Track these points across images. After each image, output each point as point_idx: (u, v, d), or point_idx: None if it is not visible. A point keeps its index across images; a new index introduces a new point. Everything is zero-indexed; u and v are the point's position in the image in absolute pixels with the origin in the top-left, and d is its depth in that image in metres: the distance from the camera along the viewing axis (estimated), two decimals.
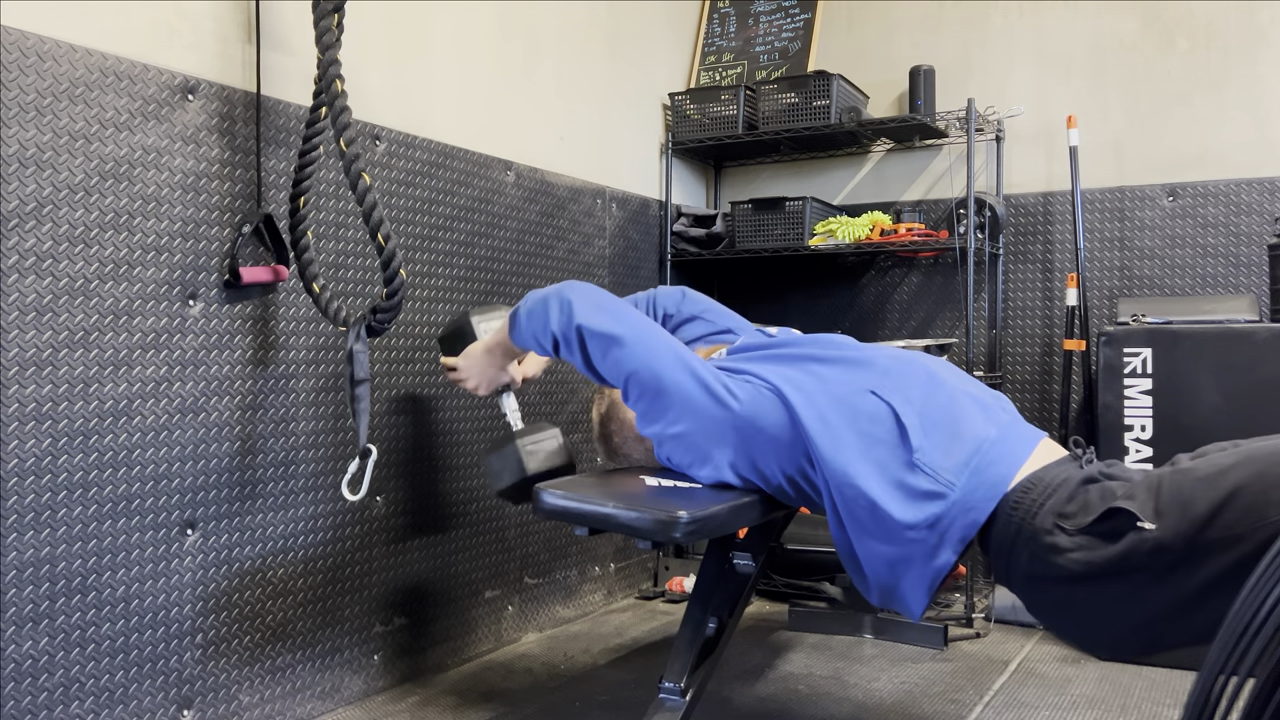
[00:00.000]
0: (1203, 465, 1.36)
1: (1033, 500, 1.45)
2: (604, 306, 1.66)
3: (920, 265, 3.36)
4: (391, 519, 2.32)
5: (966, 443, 1.52)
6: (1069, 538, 1.40)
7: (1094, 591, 1.39)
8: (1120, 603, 1.39)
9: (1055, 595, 1.45)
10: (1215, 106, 2.96)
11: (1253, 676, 0.89)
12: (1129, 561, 1.34)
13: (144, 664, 1.82)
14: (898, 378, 1.62)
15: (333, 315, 1.98)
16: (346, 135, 1.81)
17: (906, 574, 1.53)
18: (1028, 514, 1.45)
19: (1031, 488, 1.47)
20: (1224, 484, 1.30)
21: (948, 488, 1.49)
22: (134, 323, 1.79)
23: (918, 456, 1.51)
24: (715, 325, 2.09)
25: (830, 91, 3.11)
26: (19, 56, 1.62)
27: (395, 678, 2.33)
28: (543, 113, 2.82)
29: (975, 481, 1.49)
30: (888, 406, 1.56)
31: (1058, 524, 1.41)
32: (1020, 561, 1.46)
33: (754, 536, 1.88)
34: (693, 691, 1.69)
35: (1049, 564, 1.41)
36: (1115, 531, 1.36)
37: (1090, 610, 1.42)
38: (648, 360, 1.62)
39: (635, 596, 3.19)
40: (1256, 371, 2.38)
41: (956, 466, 1.50)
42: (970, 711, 2.19)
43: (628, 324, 1.64)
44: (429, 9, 2.42)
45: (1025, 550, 1.45)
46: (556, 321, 1.65)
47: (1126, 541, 1.34)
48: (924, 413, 1.56)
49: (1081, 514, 1.40)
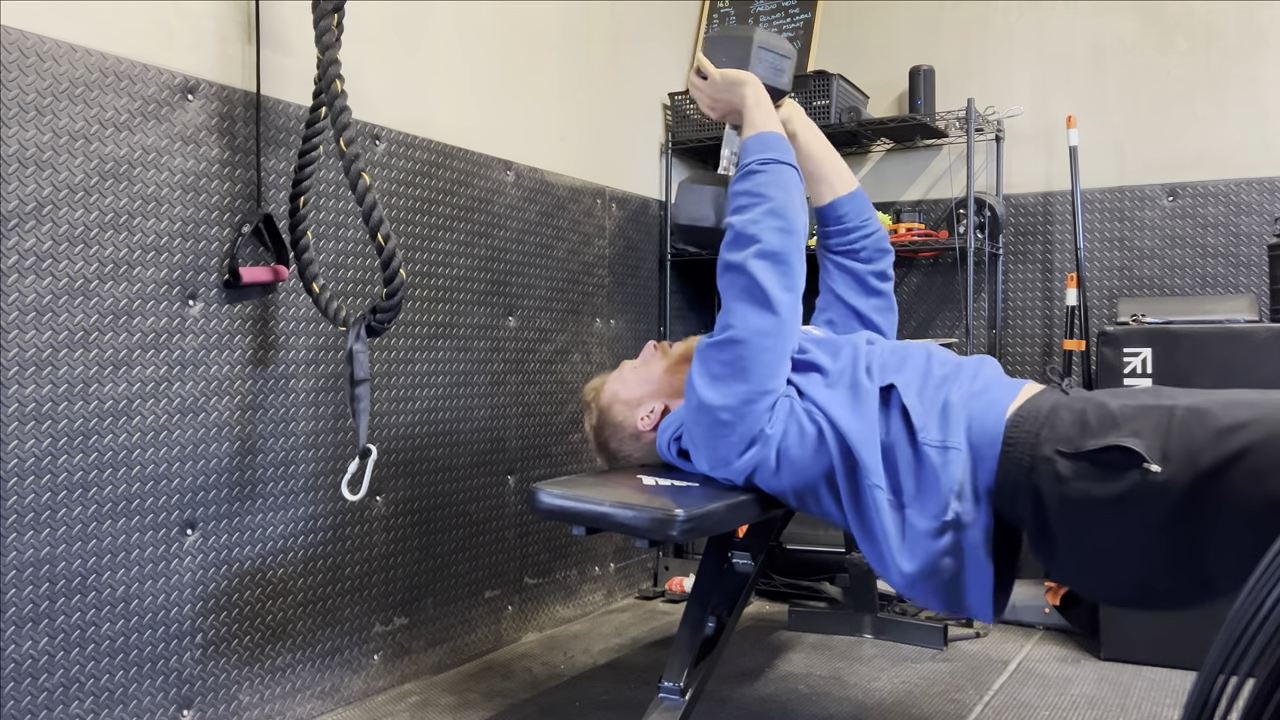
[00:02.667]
0: (1219, 413, 1.32)
1: (1026, 432, 1.44)
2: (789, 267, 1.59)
3: (920, 265, 3.36)
4: (391, 519, 2.32)
5: (960, 406, 1.52)
6: (1069, 463, 1.38)
7: (1093, 529, 1.38)
8: (1117, 546, 1.37)
9: (1058, 534, 1.43)
10: (1215, 106, 2.96)
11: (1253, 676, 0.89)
12: (1129, 501, 1.33)
13: (144, 664, 1.82)
14: (896, 369, 1.62)
15: (333, 315, 1.98)
16: (346, 135, 1.81)
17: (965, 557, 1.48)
18: (1025, 447, 1.43)
19: (1021, 420, 1.46)
20: (1235, 441, 1.27)
21: (957, 448, 1.48)
22: (134, 323, 1.79)
23: (922, 436, 1.51)
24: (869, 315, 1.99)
25: (830, 91, 3.11)
26: (19, 56, 1.62)
27: (395, 678, 2.33)
28: (543, 113, 2.82)
29: (975, 433, 1.49)
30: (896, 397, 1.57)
31: (1058, 450, 1.39)
32: (1025, 502, 1.44)
33: (753, 536, 1.88)
34: (692, 691, 1.69)
35: (1052, 495, 1.39)
36: (1118, 465, 1.34)
37: (1089, 551, 1.40)
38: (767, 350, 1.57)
39: (635, 596, 3.19)
40: (1256, 371, 2.38)
41: (959, 429, 1.50)
42: (970, 711, 2.19)
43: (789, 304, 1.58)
44: (429, 9, 2.42)
45: (1027, 491, 1.43)
46: (745, 225, 1.59)
47: (1129, 479, 1.33)
48: (923, 394, 1.56)
49: (1080, 436, 1.39)
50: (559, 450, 2.86)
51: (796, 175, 1.69)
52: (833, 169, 1.97)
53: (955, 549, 1.48)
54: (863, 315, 1.98)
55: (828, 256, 2.01)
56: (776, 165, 1.67)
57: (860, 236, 1.97)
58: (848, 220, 1.97)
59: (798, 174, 1.70)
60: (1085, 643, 2.65)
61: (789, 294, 1.60)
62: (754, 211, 1.62)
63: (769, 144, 1.69)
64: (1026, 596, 2.82)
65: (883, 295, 1.99)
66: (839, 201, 1.97)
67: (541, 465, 2.80)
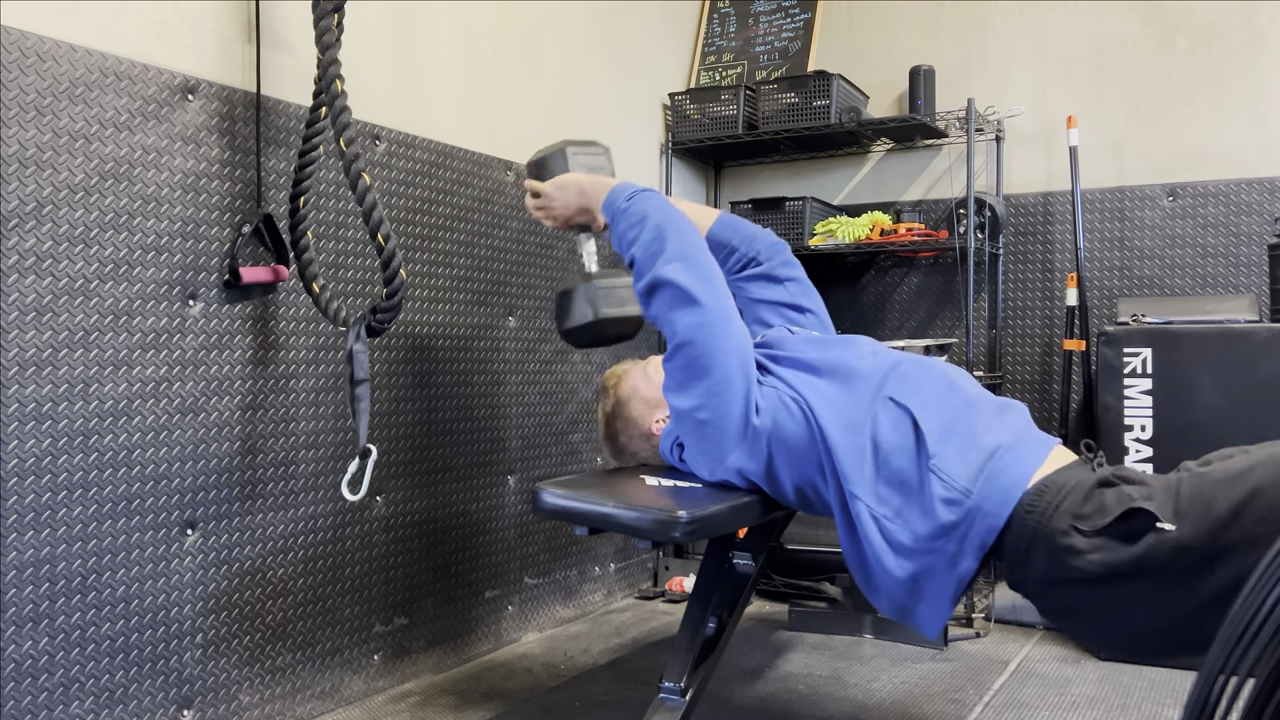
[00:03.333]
0: (1220, 468, 1.35)
1: (1047, 503, 1.44)
2: (696, 262, 1.63)
3: (920, 265, 3.36)
4: (391, 519, 2.32)
5: (981, 449, 1.52)
6: (1086, 539, 1.39)
7: (1113, 594, 1.38)
8: (1139, 605, 1.37)
9: (1073, 598, 1.44)
10: (1215, 106, 2.96)
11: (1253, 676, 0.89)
12: (1148, 562, 1.33)
13: (144, 664, 1.82)
14: (915, 383, 1.62)
15: (333, 315, 1.98)
16: (346, 135, 1.81)
17: (929, 585, 1.51)
18: (1043, 517, 1.44)
19: (1045, 491, 1.46)
20: (1244, 485, 1.29)
21: (964, 494, 1.48)
22: (134, 323, 1.79)
23: (934, 462, 1.50)
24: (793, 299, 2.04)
25: (830, 91, 3.11)
26: (19, 56, 1.62)
27: (395, 678, 2.33)
28: (543, 113, 2.82)
29: (990, 487, 1.48)
30: (906, 413, 1.56)
31: (1074, 526, 1.40)
32: (1036, 565, 1.45)
33: (754, 536, 1.88)
34: (693, 691, 1.69)
35: (1066, 566, 1.40)
36: (1134, 532, 1.35)
37: (1110, 613, 1.41)
38: (711, 339, 1.60)
39: (635, 596, 3.19)
40: (1256, 371, 2.38)
41: (971, 473, 1.49)
42: (970, 711, 2.19)
43: (712, 292, 1.62)
44: (429, 9, 2.42)
45: (1041, 553, 1.43)
46: (644, 248, 1.62)
47: (1146, 542, 1.33)
48: (941, 418, 1.56)
49: (1098, 515, 1.39)
50: (559, 450, 2.86)
51: (658, 194, 1.75)
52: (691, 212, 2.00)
53: (920, 578, 1.51)
54: (790, 304, 2.02)
55: (734, 280, 2.05)
56: (640, 194, 1.73)
57: (748, 247, 2.05)
58: (729, 243, 2.05)
59: (658, 193, 1.76)
60: (1085, 643, 2.65)
61: (707, 283, 1.63)
62: (644, 235, 1.66)
63: (622, 189, 1.75)
64: None
65: (795, 279, 2.05)
66: (713, 233, 2.05)
67: (541, 465, 2.80)
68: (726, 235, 2.06)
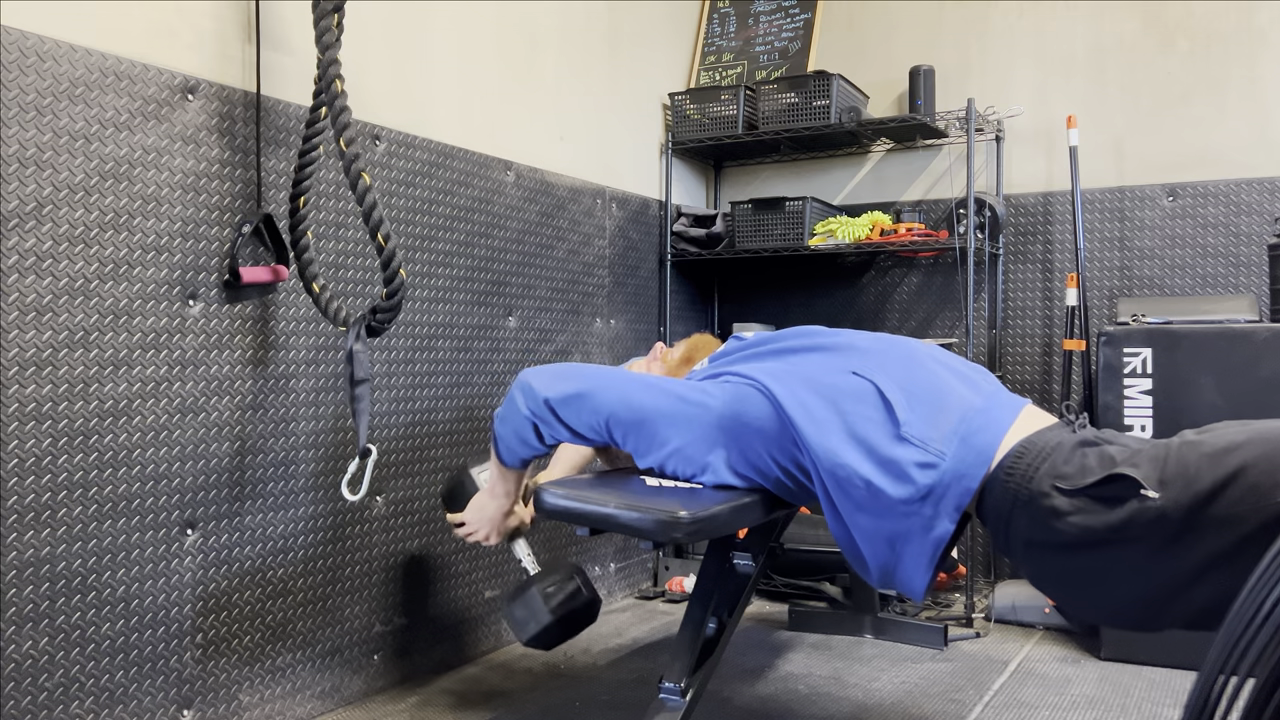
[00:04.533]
0: (1210, 440, 1.34)
1: (1027, 465, 1.45)
2: (560, 374, 1.68)
3: (920, 265, 3.36)
4: (391, 519, 2.32)
5: (951, 412, 1.53)
6: (1067, 499, 1.39)
7: (1093, 559, 1.38)
8: (1118, 573, 1.38)
9: (1054, 563, 1.44)
10: (1215, 106, 2.96)
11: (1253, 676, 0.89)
12: (1129, 530, 1.33)
13: (144, 664, 1.82)
14: (879, 356, 1.63)
15: (333, 315, 1.98)
16: (346, 135, 1.81)
17: (906, 549, 1.52)
18: (1024, 478, 1.44)
19: (1024, 453, 1.46)
20: (1230, 461, 1.29)
21: (938, 457, 1.49)
22: (134, 323, 1.79)
23: (905, 429, 1.51)
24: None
25: (830, 91, 3.11)
26: (19, 56, 1.62)
27: (395, 678, 2.33)
28: (543, 113, 2.82)
29: (964, 449, 1.49)
30: (870, 384, 1.57)
31: (1055, 486, 1.40)
32: (1019, 527, 1.45)
33: (754, 536, 1.88)
34: (693, 691, 1.69)
35: (1047, 529, 1.40)
36: (1116, 497, 1.35)
37: (1089, 579, 1.41)
38: (616, 397, 1.64)
39: (635, 596, 3.19)
40: (1256, 371, 2.38)
41: (944, 436, 1.50)
42: (970, 711, 2.19)
43: (585, 377, 1.66)
44: (429, 9, 2.42)
45: (1024, 516, 1.43)
46: (525, 407, 1.66)
47: (1128, 509, 1.33)
48: (906, 387, 1.56)
49: (1079, 475, 1.39)
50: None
51: None
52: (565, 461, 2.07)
53: (897, 542, 1.52)
54: None
55: None
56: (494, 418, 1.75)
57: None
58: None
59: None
60: (1085, 643, 2.65)
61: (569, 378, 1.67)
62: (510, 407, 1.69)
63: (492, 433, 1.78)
64: (1026, 596, 2.82)
65: None
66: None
67: (541, 465, 2.80)
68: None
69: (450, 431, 2.48)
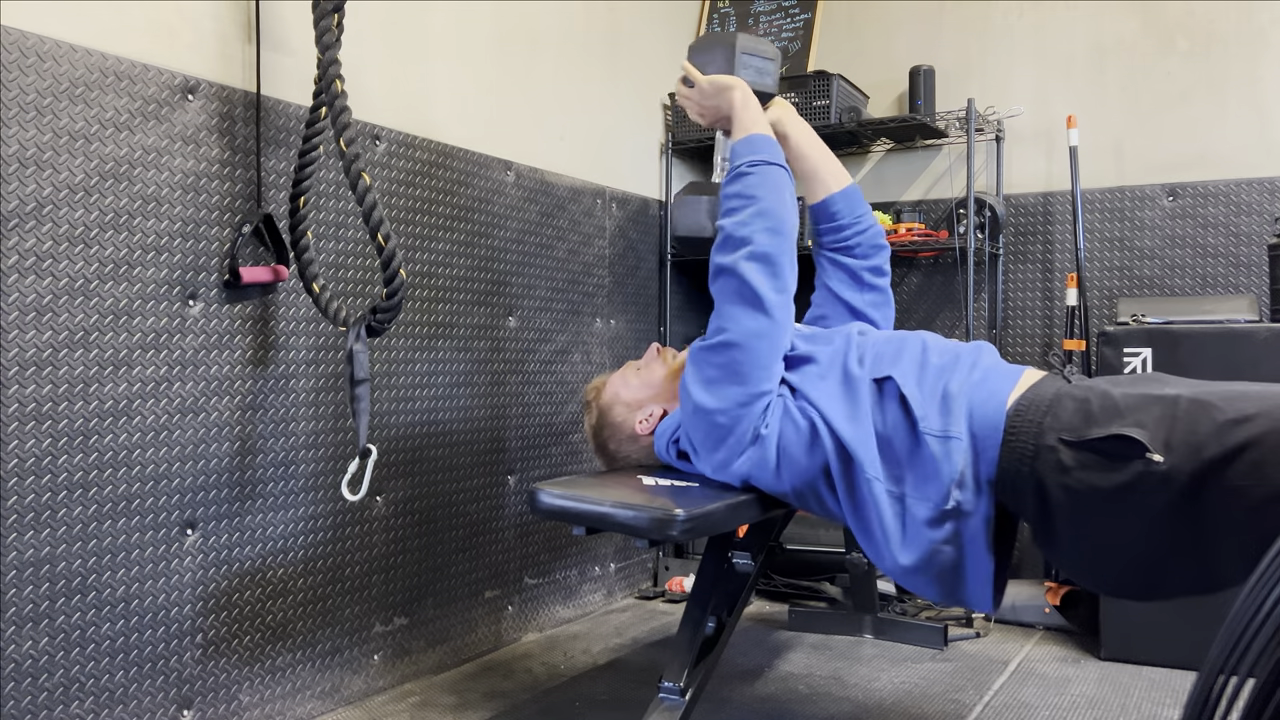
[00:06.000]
0: (1223, 406, 1.32)
1: (1028, 422, 1.44)
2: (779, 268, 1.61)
3: (920, 265, 3.36)
4: (391, 519, 2.32)
5: (959, 395, 1.52)
6: (1072, 452, 1.38)
7: (1096, 519, 1.38)
8: (1120, 536, 1.37)
9: (1061, 525, 1.43)
10: (1215, 106, 2.96)
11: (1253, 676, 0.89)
12: (1131, 493, 1.33)
13: (144, 664, 1.82)
14: (892, 358, 1.63)
15: (333, 315, 1.98)
16: (346, 135, 1.81)
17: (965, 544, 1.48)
18: (1029, 436, 1.43)
19: (1024, 410, 1.46)
20: (1239, 435, 1.27)
21: (958, 437, 1.49)
22: (134, 323, 1.79)
23: (922, 425, 1.51)
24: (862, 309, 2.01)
25: (830, 91, 3.11)
26: (19, 56, 1.62)
27: (395, 678, 2.33)
28: (543, 113, 2.82)
29: (978, 424, 1.49)
30: (893, 386, 1.57)
31: (1061, 439, 1.40)
32: (1027, 494, 1.44)
33: (753, 536, 1.88)
34: (692, 691, 1.69)
35: (1055, 487, 1.39)
36: (1121, 455, 1.34)
37: (1092, 541, 1.41)
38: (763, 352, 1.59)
39: (635, 596, 3.19)
40: (1256, 371, 2.37)
41: (958, 418, 1.50)
42: (970, 711, 2.19)
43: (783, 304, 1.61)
44: (429, 9, 2.42)
45: (1031, 480, 1.42)
46: (733, 224, 1.61)
47: (1132, 469, 1.33)
48: (922, 383, 1.56)
49: (1085, 425, 1.39)
50: (559, 450, 2.86)
51: (786, 175, 1.70)
52: (826, 167, 1.99)
53: (955, 538, 1.49)
54: (858, 310, 1.99)
55: (822, 253, 2.02)
56: (765, 166, 1.68)
57: (854, 233, 1.99)
58: (840, 217, 1.99)
59: (787, 174, 1.71)
60: (1085, 643, 2.65)
61: (781, 295, 1.61)
62: (743, 214, 1.63)
63: (757, 146, 1.71)
64: (1026, 596, 2.82)
65: (878, 289, 2.01)
66: (832, 199, 2.00)
67: (541, 465, 2.80)
68: (841, 209, 2.00)
69: (450, 431, 2.48)
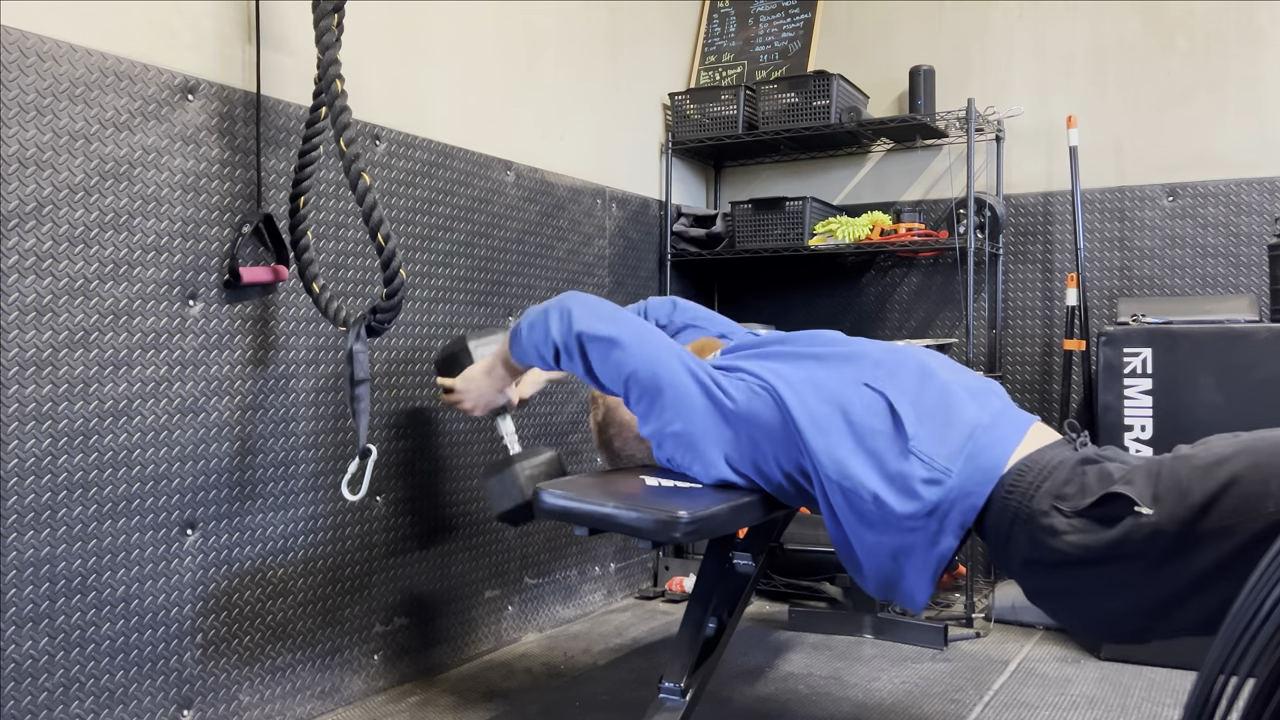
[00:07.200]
0: (1202, 454, 1.36)
1: (1028, 483, 1.45)
2: (602, 313, 1.67)
3: (920, 265, 3.36)
4: (391, 519, 2.32)
5: (960, 429, 1.53)
6: (1065, 519, 1.40)
7: (1090, 576, 1.39)
8: (1115, 588, 1.39)
9: (1052, 580, 1.45)
10: (1215, 106, 2.96)
11: (1253, 676, 0.89)
12: (1125, 547, 1.34)
13: (144, 664, 1.82)
14: (890, 368, 1.63)
15: (333, 315, 1.98)
16: (346, 135, 1.81)
17: (909, 562, 1.53)
18: (1024, 497, 1.45)
19: (1027, 470, 1.47)
20: (1221, 474, 1.29)
21: (944, 474, 1.49)
22: (134, 323, 1.79)
23: (913, 444, 1.51)
24: (709, 332, 2.10)
25: (830, 91, 3.11)
26: (19, 56, 1.62)
27: (395, 678, 2.33)
28: (543, 112, 2.82)
29: (971, 466, 1.49)
30: (881, 397, 1.57)
31: (1055, 506, 1.41)
32: (1018, 545, 1.46)
33: (754, 536, 1.88)
34: (693, 691, 1.69)
35: (1046, 547, 1.41)
36: (1112, 517, 1.36)
37: (1086, 595, 1.42)
38: (645, 360, 1.63)
39: (635, 596, 3.19)
40: (1256, 371, 2.38)
41: (951, 453, 1.50)
42: (970, 711, 2.19)
43: (625, 327, 1.66)
44: (429, 9, 2.42)
45: (1023, 533, 1.44)
46: (557, 330, 1.66)
47: (1123, 526, 1.34)
48: (917, 402, 1.56)
49: (1079, 496, 1.40)
50: (559, 450, 2.86)
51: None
52: None
53: (902, 554, 1.53)
54: None
55: None
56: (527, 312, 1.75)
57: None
58: None
59: None
60: (1085, 643, 2.65)
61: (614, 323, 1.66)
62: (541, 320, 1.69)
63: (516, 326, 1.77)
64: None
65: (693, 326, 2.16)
66: None
67: None
68: None
69: (450, 432, 2.48)
